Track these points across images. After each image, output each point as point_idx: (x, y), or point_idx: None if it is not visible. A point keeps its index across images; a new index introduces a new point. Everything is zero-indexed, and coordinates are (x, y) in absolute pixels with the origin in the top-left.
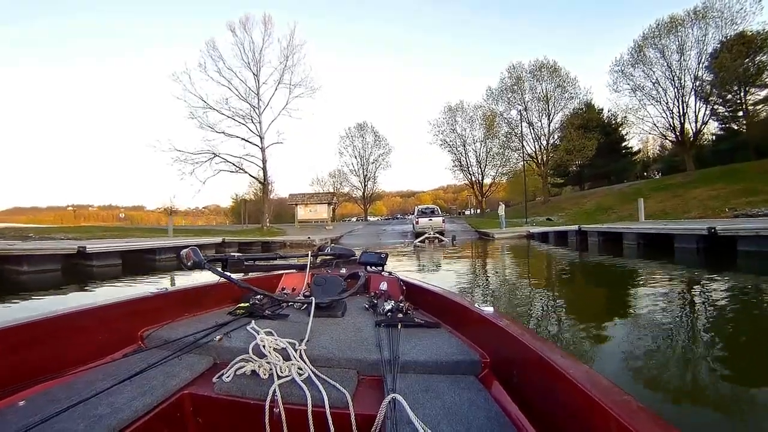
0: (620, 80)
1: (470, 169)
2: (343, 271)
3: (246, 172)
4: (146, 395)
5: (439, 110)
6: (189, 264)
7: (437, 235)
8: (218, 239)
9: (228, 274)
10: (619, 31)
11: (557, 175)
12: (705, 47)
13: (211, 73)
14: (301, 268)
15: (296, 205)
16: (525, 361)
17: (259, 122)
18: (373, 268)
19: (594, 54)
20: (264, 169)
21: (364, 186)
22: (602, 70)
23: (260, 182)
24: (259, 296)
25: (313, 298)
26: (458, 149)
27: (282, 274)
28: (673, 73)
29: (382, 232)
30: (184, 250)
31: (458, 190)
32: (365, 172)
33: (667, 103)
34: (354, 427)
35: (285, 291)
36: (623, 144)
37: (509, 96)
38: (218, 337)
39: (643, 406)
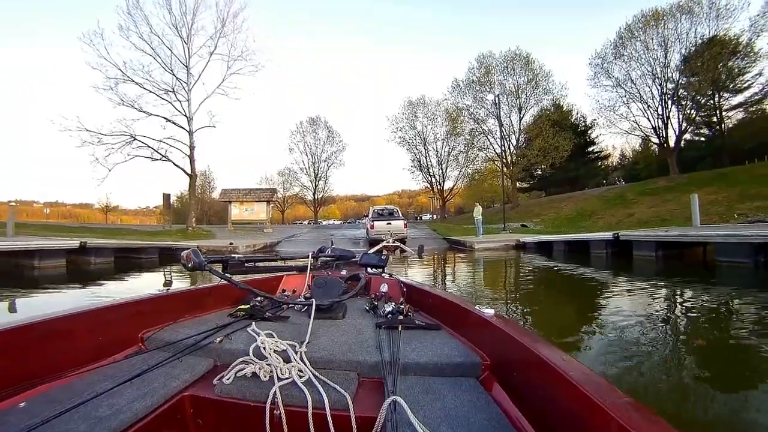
0: (600, 75)
1: (430, 170)
2: (344, 272)
3: (169, 161)
4: (147, 397)
5: (399, 104)
6: (189, 265)
7: (398, 243)
8: (74, 243)
9: (228, 275)
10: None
11: (524, 179)
12: (687, 45)
13: (131, 35)
14: (302, 269)
15: (229, 202)
16: (525, 364)
17: (188, 100)
18: (374, 269)
19: (563, 53)
20: (191, 158)
21: (315, 186)
22: (571, 69)
23: (186, 173)
24: (259, 298)
25: (314, 300)
26: (417, 148)
27: (282, 275)
28: (656, 71)
29: (329, 238)
30: (185, 251)
31: (414, 195)
32: (316, 171)
33: (647, 102)
34: (354, 430)
35: (285, 293)
36: (591, 149)
37: (477, 89)
38: (219, 339)
39: (644, 407)
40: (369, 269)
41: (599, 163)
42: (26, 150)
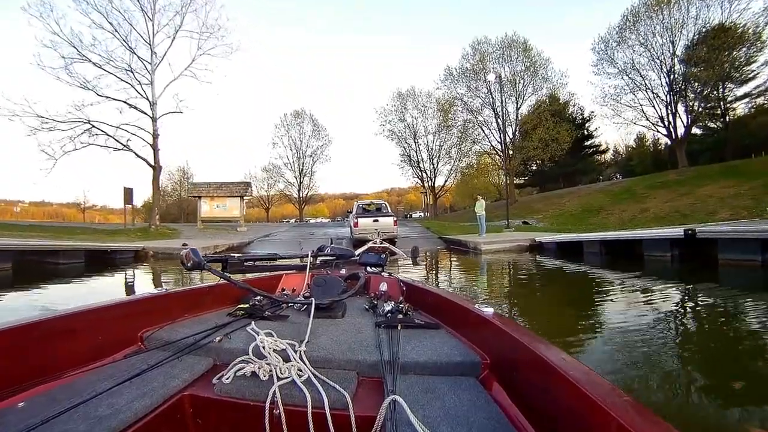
0: (604, 61)
1: (421, 164)
2: (343, 271)
3: (130, 150)
4: (146, 396)
5: (389, 96)
6: (189, 265)
7: (386, 245)
8: None
9: (227, 275)
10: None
11: (523, 173)
12: (695, 31)
13: (87, 8)
14: (301, 268)
15: (199, 198)
16: (525, 363)
17: (151, 83)
18: (373, 268)
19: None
20: (154, 147)
21: (300, 182)
22: (571, 58)
23: (149, 164)
24: (259, 297)
25: (313, 299)
26: (407, 141)
27: (282, 274)
28: (664, 58)
29: (309, 237)
30: (184, 250)
31: (403, 193)
32: (301, 167)
33: (653, 90)
34: (354, 429)
35: (285, 292)
36: (589, 142)
37: (472, 77)
38: (218, 338)
39: (644, 407)
40: (368, 268)
41: (596, 157)
42: (10, 146)
